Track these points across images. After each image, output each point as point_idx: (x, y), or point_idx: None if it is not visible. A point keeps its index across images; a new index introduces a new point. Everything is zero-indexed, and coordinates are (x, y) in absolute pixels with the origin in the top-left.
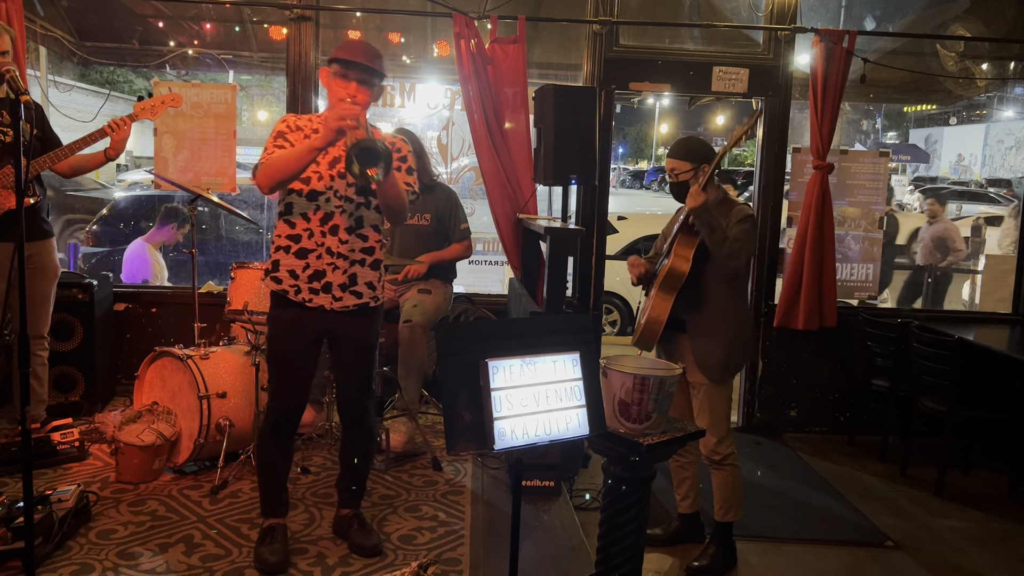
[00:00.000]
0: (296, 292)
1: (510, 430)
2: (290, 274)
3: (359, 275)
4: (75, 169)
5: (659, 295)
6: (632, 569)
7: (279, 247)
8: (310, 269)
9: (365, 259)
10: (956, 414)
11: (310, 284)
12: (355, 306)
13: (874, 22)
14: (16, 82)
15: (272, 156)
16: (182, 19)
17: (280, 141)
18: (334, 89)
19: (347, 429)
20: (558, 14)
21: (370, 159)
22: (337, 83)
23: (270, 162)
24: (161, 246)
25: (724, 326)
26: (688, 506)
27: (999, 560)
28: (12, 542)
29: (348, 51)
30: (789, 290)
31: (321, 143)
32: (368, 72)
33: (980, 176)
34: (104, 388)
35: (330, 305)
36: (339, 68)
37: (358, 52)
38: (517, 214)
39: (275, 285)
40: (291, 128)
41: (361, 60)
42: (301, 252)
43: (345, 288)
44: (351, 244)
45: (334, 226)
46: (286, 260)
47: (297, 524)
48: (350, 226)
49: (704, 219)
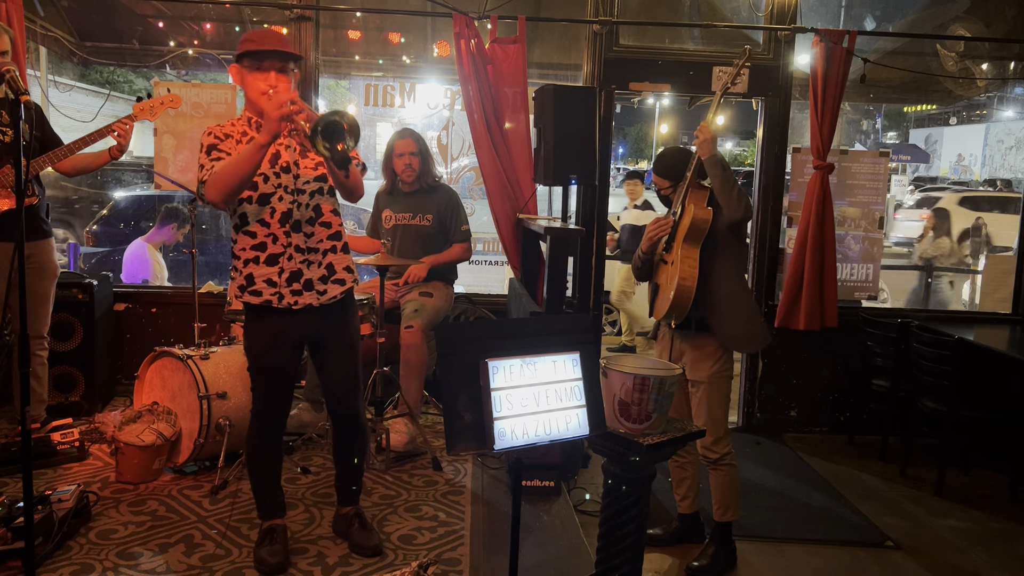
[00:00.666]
0: (280, 299)
1: (510, 430)
2: (268, 283)
3: (335, 263)
4: (78, 169)
5: (684, 252)
6: (632, 569)
7: (247, 260)
8: (286, 272)
9: (335, 246)
10: (956, 414)
11: (291, 287)
12: (341, 294)
13: (874, 22)
14: (16, 82)
15: (216, 169)
16: (182, 19)
17: (215, 154)
18: (252, 84)
19: (339, 430)
20: (558, 14)
21: (335, 134)
22: (254, 77)
23: (217, 174)
24: (161, 246)
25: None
26: (688, 506)
27: (999, 560)
28: (12, 542)
29: (257, 42)
30: (790, 290)
31: (267, 137)
32: (282, 57)
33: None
34: (104, 388)
35: (317, 301)
36: (251, 62)
37: (267, 40)
38: (517, 214)
39: (255, 299)
40: (219, 138)
41: (273, 48)
42: (271, 259)
43: (326, 280)
44: (317, 235)
45: (295, 222)
46: (259, 271)
47: (297, 524)
48: (311, 217)
49: (714, 157)
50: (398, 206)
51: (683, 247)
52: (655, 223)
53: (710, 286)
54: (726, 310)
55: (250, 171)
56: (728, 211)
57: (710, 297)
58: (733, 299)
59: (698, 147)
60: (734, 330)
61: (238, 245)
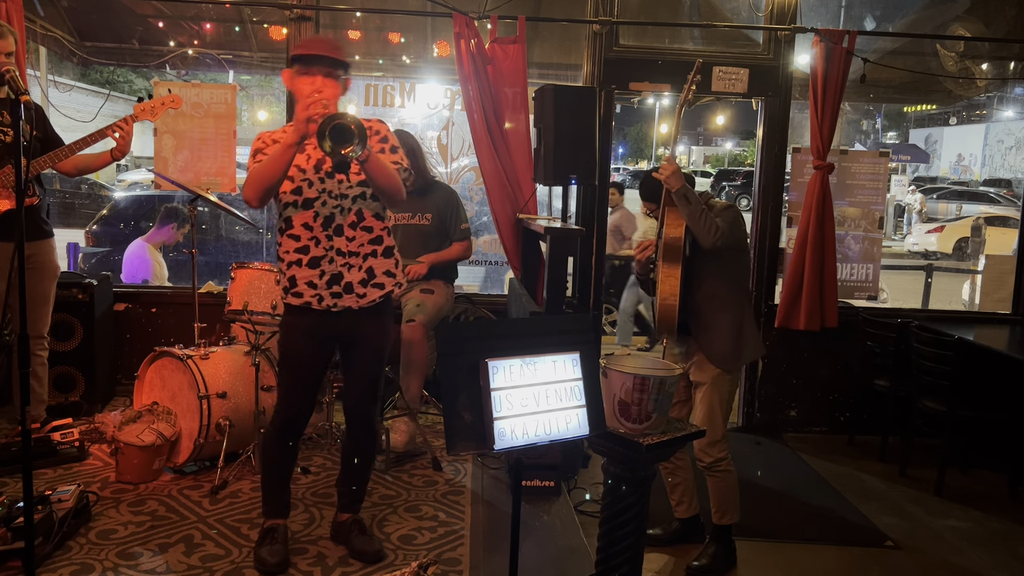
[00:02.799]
0: (319, 301)
1: (510, 430)
2: (309, 285)
3: (375, 267)
4: (80, 169)
5: (664, 272)
6: (632, 569)
7: (290, 263)
8: (327, 275)
9: (376, 250)
10: (956, 414)
11: (331, 290)
12: (380, 298)
13: (874, 22)
14: (16, 82)
15: (253, 168)
16: (182, 19)
17: (259, 157)
18: (300, 88)
19: (352, 432)
20: (558, 14)
21: (343, 137)
22: (302, 81)
23: (253, 174)
24: (161, 246)
25: (723, 315)
26: (684, 511)
27: (999, 560)
28: (12, 542)
29: (306, 47)
30: (790, 291)
31: (295, 137)
32: (331, 64)
33: (980, 176)
34: (104, 388)
35: (356, 304)
36: (300, 67)
37: (317, 46)
38: (517, 214)
39: (297, 300)
40: (267, 143)
41: (322, 52)
42: (313, 262)
43: (366, 284)
44: (359, 240)
45: (338, 227)
46: (301, 274)
47: (297, 524)
48: (353, 222)
49: (679, 191)
50: (397, 206)
51: (663, 267)
52: (640, 245)
53: (698, 299)
54: (713, 325)
55: (280, 171)
56: (701, 240)
57: (697, 311)
58: (721, 314)
59: (664, 182)
60: (721, 346)
61: (282, 248)
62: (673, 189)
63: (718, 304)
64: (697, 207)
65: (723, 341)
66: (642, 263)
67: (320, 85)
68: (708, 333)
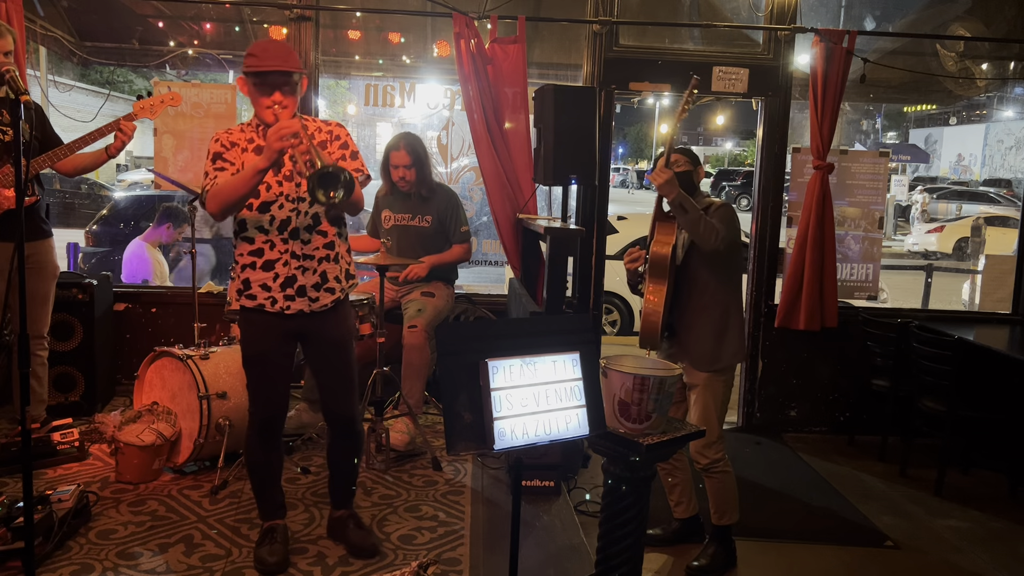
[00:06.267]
0: (272, 303)
1: (510, 430)
2: (262, 287)
3: (328, 271)
4: (78, 168)
5: (650, 286)
6: (632, 569)
7: (244, 266)
8: (280, 278)
9: (329, 255)
10: (956, 414)
11: (284, 292)
12: (332, 303)
13: (874, 22)
14: (16, 82)
15: (217, 183)
16: (182, 19)
17: (219, 163)
18: (257, 99)
19: (333, 431)
20: (558, 14)
21: (330, 183)
22: (259, 95)
23: (218, 191)
24: (159, 245)
25: (707, 314)
26: (683, 511)
27: (999, 560)
28: (12, 542)
29: (257, 60)
30: (790, 290)
31: (265, 163)
32: (284, 75)
33: (980, 176)
34: (104, 388)
35: (308, 308)
36: (255, 80)
37: (269, 58)
38: (517, 214)
39: (250, 302)
40: (225, 146)
41: (273, 66)
42: (267, 264)
43: (319, 287)
44: (313, 243)
45: (293, 230)
46: (255, 276)
47: (297, 524)
48: (308, 225)
49: (675, 200)
50: (398, 207)
51: (649, 282)
52: (628, 255)
53: (684, 295)
54: (694, 323)
55: (246, 192)
56: (701, 245)
57: (682, 308)
58: (705, 312)
59: (658, 190)
60: (699, 346)
61: (237, 250)
62: (669, 198)
63: (705, 301)
64: (695, 214)
65: (701, 341)
66: (631, 272)
67: (279, 98)
68: (689, 332)
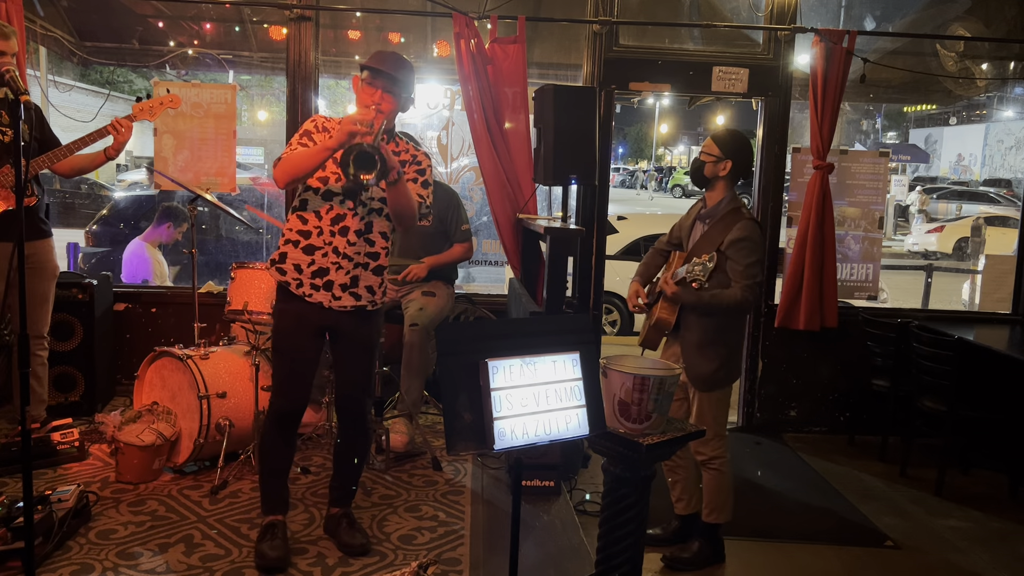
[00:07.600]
0: (298, 286)
1: (510, 430)
2: (295, 267)
3: (360, 278)
4: (76, 169)
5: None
6: (632, 569)
7: (288, 240)
8: (315, 265)
9: (369, 263)
10: (956, 414)
11: (312, 280)
12: (352, 307)
13: (874, 22)
14: (16, 82)
15: (291, 153)
16: (182, 19)
17: (304, 139)
18: (362, 96)
19: (344, 428)
20: (558, 14)
21: (365, 164)
22: (365, 90)
23: (288, 158)
24: (159, 245)
25: (719, 342)
26: (683, 508)
27: (999, 560)
28: (12, 542)
29: (377, 60)
30: (790, 290)
31: (334, 144)
32: (392, 81)
33: (980, 176)
34: (104, 388)
35: (328, 303)
36: (368, 75)
37: (385, 61)
38: (517, 214)
39: (279, 276)
40: (318, 128)
41: (387, 69)
42: (308, 248)
43: (345, 288)
44: (358, 247)
45: (344, 227)
46: (293, 254)
47: (297, 524)
48: (359, 229)
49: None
50: None
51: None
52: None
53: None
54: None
55: (311, 167)
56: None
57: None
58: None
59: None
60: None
61: (287, 224)
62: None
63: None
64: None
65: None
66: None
67: (379, 98)
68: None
